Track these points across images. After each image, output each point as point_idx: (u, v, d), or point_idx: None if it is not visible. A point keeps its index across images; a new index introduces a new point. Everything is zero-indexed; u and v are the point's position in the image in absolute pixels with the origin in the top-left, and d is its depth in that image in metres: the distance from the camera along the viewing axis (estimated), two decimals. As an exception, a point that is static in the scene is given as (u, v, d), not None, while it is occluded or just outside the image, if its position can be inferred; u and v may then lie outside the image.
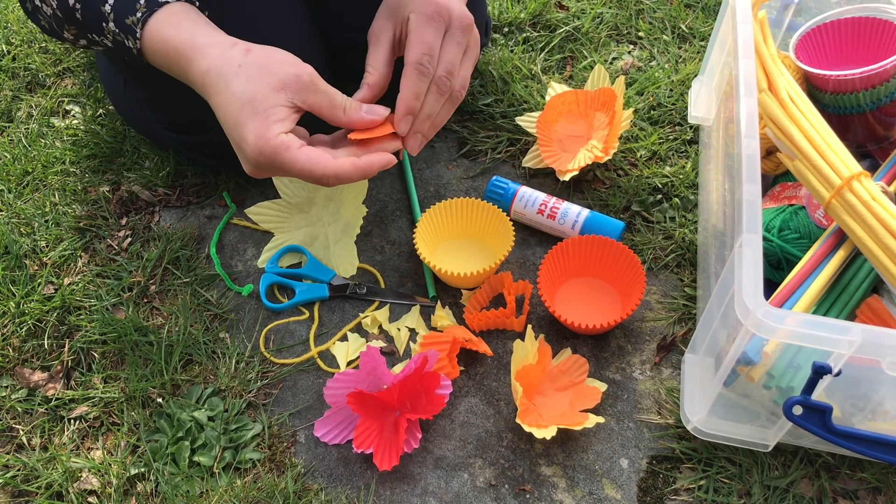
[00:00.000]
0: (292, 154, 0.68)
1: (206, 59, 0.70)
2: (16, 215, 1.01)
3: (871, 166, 0.87)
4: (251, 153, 0.68)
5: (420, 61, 0.72)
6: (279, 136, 0.68)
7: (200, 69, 0.70)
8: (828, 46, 0.88)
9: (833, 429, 0.66)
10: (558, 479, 0.79)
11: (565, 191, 1.01)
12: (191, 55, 0.71)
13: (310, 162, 0.68)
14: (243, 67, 0.69)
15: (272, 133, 0.67)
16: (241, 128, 0.68)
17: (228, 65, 0.70)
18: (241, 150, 0.69)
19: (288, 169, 0.68)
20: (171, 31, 0.72)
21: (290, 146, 0.68)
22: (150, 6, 0.72)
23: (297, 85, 0.69)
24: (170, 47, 0.72)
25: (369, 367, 0.80)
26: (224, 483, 0.78)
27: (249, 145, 0.68)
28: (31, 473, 0.80)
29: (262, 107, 0.68)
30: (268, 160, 0.68)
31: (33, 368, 0.88)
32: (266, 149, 0.67)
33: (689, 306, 0.90)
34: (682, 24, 1.21)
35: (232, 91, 0.69)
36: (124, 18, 0.72)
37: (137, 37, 0.72)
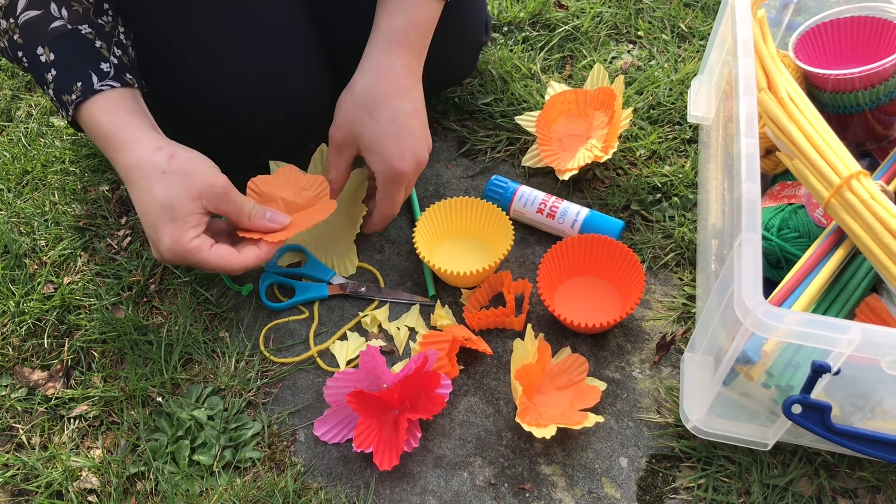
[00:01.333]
0: (204, 255, 0.77)
1: (131, 156, 0.76)
2: (15, 214, 1.01)
3: (871, 165, 0.87)
4: (166, 253, 0.76)
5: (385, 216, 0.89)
6: (192, 241, 0.76)
7: (125, 162, 0.77)
8: (827, 45, 0.88)
9: (832, 427, 0.66)
10: (558, 478, 0.79)
11: (565, 190, 1.02)
12: (117, 146, 0.77)
13: (221, 260, 0.77)
14: (166, 175, 0.76)
15: (186, 238, 0.76)
16: (158, 230, 0.76)
17: (152, 169, 0.76)
18: (157, 246, 0.77)
19: (199, 265, 0.77)
20: (104, 118, 0.77)
21: (202, 249, 0.77)
22: (85, 92, 0.77)
23: (212, 194, 0.77)
24: (99, 133, 0.77)
25: (369, 367, 0.80)
26: (224, 482, 0.78)
27: (165, 246, 0.76)
28: (30, 472, 0.80)
29: (179, 214, 0.75)
30: (182, 259, 0.77)
31: (33, 367, 0.88)
32: (181, 251, 0.76)
33: (689, 305, 0.91)
34: (682, 24, 1.21)
35: (153, 195, 0.75)
36: (61, 94, 0.77)
37: (70, 114, 0.77)
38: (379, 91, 0.83)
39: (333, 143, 0.87)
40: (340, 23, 0.95)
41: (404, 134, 0.83)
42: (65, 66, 0.77)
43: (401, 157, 0.84)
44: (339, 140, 0.86)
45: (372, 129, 0.83)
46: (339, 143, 0.86)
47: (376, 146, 0.83)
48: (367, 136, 0.84)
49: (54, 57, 0.77)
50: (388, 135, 0.83)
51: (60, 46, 0.77)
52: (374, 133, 0.83)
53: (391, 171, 0.84)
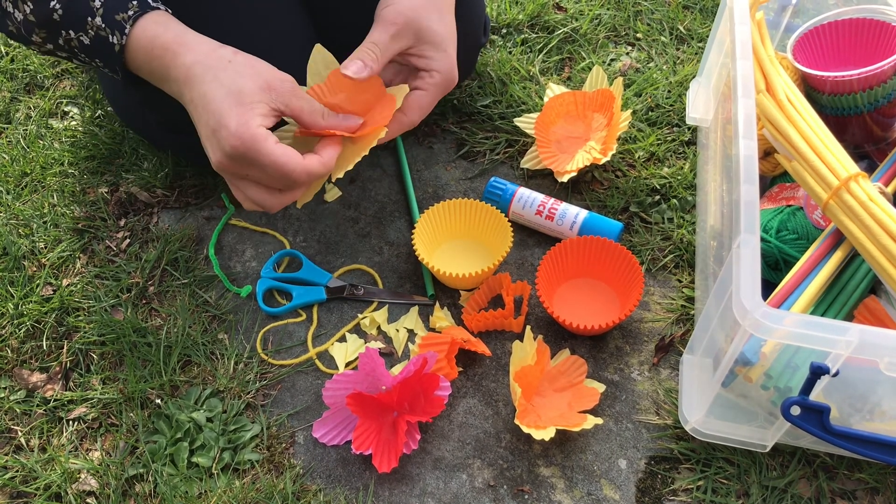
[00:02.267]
0: (269, 146, 0.71)
1: (194, 53, 0.73)
2: (14, 216, 1.01)
3: (869, 167, 0.87)
4: (229, 140, 0.70)
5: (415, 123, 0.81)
6: (260, 128, 0.71)
7: (187, 62, 0.73)
8: (825, 48, 0.88)
9: (831, 429, 0.66)
10: (557, 480, 0.79)
11: (563, 192, 1.02)
12: (178, 49, 0.74)
13: (284, 156, 0.71)
14: (233, 64, 0.73)
15: (255, 123, 0.70)
16: (223, 114, 0.70)
17: (219, 60, 0.73)
18: (218, 136, 0.71)
19: (262, 160, 0.71)
20: (160, 29, 0.75)
21: (269, 139, 0.71)
22: (143, 6, 0.75)
23: (282, 88, 0.73)
24: (157, 43, 0.74)
25: (368, 369, 0.80)
26: (223, 484, 0.78)
27: (230, 131, 0.70)
28: (29, 474, 0.80)
29: (248, 100, 0.71)
30: (244, 148, 0.70)
31: (32, 370, 0.88)
32: (246, 136, 0.70)
33: (688, 307, 0.91)
34: (681, 26, 1.21)
35: (220, 80, 0.71)
36: (114, 14, 0.74)
37: (126, 32, 0.74)
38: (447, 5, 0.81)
39: (389, 26, 0.78)
40: (338, 24, 0.95)
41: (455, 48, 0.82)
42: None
43: (456, 66, 0.81)
44: (400, 26, 0.78)
45: (441, 29, 0.79)
46: (398, 31, 0.78)
47: (443, 45, 0.79)
48: (435, 32, 0.79)
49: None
50: (452, 41, 0.81)
51: None
52: (444, 32, 0.79)
53: (451, 75, 0.81)
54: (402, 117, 0.80)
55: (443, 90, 0.81)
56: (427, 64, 0.80)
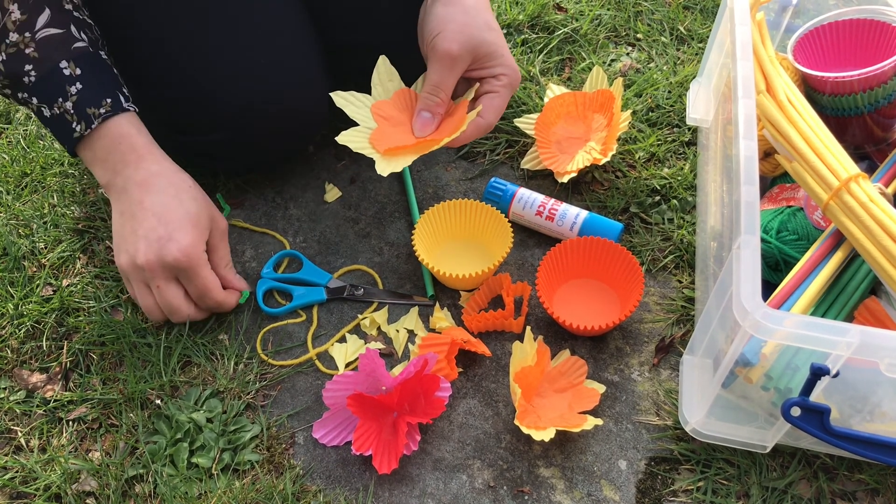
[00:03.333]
0: (207, 270, 0.83)
1: (160, 166, 0.83)
2: (14, 217, 1.01)
3: (869, 168, 0.87)
4: (178, 252, 0.79)
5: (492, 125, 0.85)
6: (204, 252, 0.82)
7: (152, 169, 0.82)
8: (826, 48, 0.88)
9: (831, 430, 0.66)
10: (557, 481, 0.79)
11: (564, 192, 1.02)
12: (147, 156, 0.83)
13: (214, 283, 0.84)
14: (192, 189, 0.84)
15: (202, 247, 0.82)
16: (180, 230, 0.80)
17: (182, 181, 0.84)
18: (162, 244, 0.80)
19: (196, 279, 0.82)
20: (132, 130, 0.83)
21: (207, 263, 0.83)
22: (115, 108, 0.82)
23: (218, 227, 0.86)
24: (125, 143, 0.82)
25: (368, 370, 0.80)
26: (222, 484, 0.78)
27: (181, 245, 0.80)
28: (29, 475, 0.80)
29: (201, 226, 0.82)
30: (188, 264, 0.80)
31: (32, 370, 0.88)
32: (193, 255, 0.80)
33: (688, 308, 0.91)
34: (681, 26, 1.21)
35: (180, 200, 0.82)
36: (86, 107, 0.80)
37: (92, 126, 0.81)
38: (485, 7, 0.83)
39: (448, 56, 0.81)
40: (339, 25, 0.95)
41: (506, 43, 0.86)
42: (93, 83, 0.81)
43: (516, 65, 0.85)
44: (456, 52, 0.80)
45: (493, 38, 0.82)
46: (455, 56, 0.81)
47: (501, 50, 0.83)
48: (490, 43, 0.82)
49: (81, 72, 0.80)
50: (504, 40, 0.84)
51: (87, 64, 0.81)
52: (498, 38, 0.83)
53: (516, 73, 0.84)
54: (479, 121, 0.84)
55: (512, 88, 0.85)
56: (491, 72, 0.83)
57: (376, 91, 0.88)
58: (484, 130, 0.84)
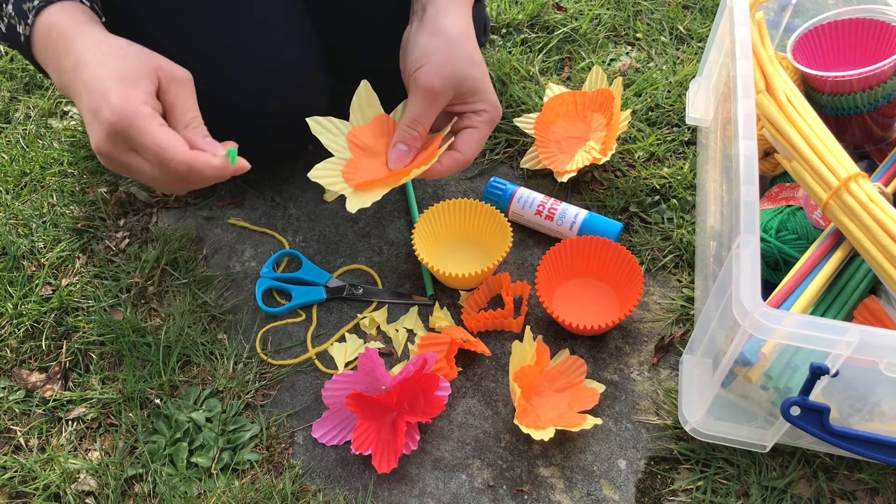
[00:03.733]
0: (151, 125, 0.65)
1: (88, 41, 0.69)
2: (13, 216, 1.01)
3: (869, 167, 0.87)
4: (110, 116, 0.65)
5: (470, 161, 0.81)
6: (144, 105, 0.65)
7: (79, 48, 0.69)
8: (825, 48, 0.88)
9: (831, 429, 0.66)
10: (556, 480, 0.79)
11: (563, 192, 1.02)
12: (74, 37, 0.70)
13: (165, 140, 0.65)
14: (123, 49, 0.69)
15: (137, 99, 0.65)
16: (107, 92, 0.65)
17: (109, 47, 0.69)
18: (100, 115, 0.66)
19: (142, 140, 0.65)
20: (64, 16, 0.71)
21: (153, 119, 0.66)
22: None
23: (171, 75, 0.69)
24: (55, 30, 0.70)
25: (368, 369, 0.80)
26: (222, 484, 0.78)
27: (111, 107, 0.65)
28: (28, 474, 0.80)
29: (132, 76, 0.66)
30: (125, 125, 0.65)
31: (31, 369, 0.88)
32: (127, 111, 0.64)
33: (687, 307, 0.91)
34: (680, 26, 1.21)
35: (107, 63, 0.67)
36: (22, 4, 0.71)
37: (29, 22, 0.71)
38: (470, 39, 0.80)
39: (429, 91, 0.78)
40: (338, 24, 0.95)
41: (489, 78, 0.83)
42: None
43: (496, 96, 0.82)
44: (439, 87, 0.77)
45: (477, 73, 0.79)
46: (438, 91, 0.77)
47: (483, 87, 0.80)
48: (474, 78, 0.79)
49: None
50: (487, 75, 0.81)
51: None
52: (479, 73, 0.79)
53: (497, 109, 0.81)
54: (457, 156, 0.80)
55: (492, 124, 0.81)
56: (472, 107, 0.81)
57: (354, 118, 0.84)
58: (462, 165, 0.81)
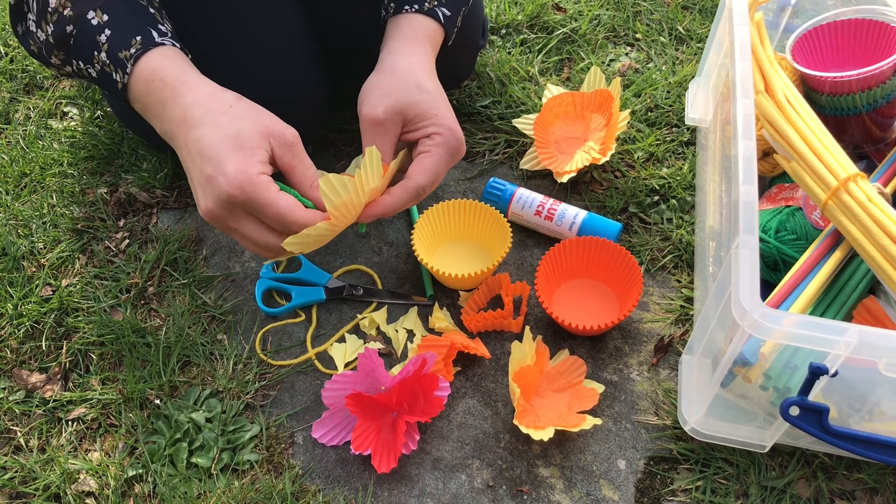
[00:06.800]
0: (273, 195, 0.67)
1: (194, 94, 0.70)
2: (13, 217, 1.01)
3: (868, 167, 0.87)
4: (228, 187, 0.66)
5: (423, 188, 0.76)
6: (260, 175, 0.67)
7: (186, 101, 0.70)
8: (824, 48, 0.88)
9: (830, 429, 0.66)
10: (556, 480, 0.79)
11: (563, 192, 1.02)
12: (178, 87, 0.70)
13: (288, 207, 0.67)
14: (234, 108, 0.69)
15: (254, 170, 0.66)
16: (222, 159, 0.66)
17: (219, 103, 0.69)
18: (215, 183, 0.67)
19: (263, 208, 0.67)
20: (164, 63, 0.72)
21: (272, 187, 0.67)
22: (146, 44, 0.72)
23: (281, 139, 0.69)
24: (158, 77, 0.71)
25: (367, 369, 0.80)
26: (222, 484, 0.78)
27: (228, 177, 0.66)
28: (28, 475, 0.80)
29: (247, 144, 0.67)
30: (245, 196, 0.66)
31: (31, 370, 0.88)
32: (246, 184, 0.66)
33: (687, 307, 0.91)
34: (680, 26, 1.21)
35: (220, 124, 0.68)
36: (118, 52, 0.72)
37: (127, 71, 0.72)
38: (421, 70, 0.79)
39: (373, 121, 0.76)
40: (336, 27, 0.95)
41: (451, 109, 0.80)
42: (121, 25, 0.73)
43: (458, 126, 0.78)
44: (382, 116, 0.75)
45: (425, 98, 0.77)
46: (382, 120, 0.75)
47: (433, 110, 0.77)
48: (419, 104, 0.76)
49: (108, 18, 0.73)
50: (444, 102, 0.78)
51: (113, 8, 0.74)
52: (430, 100, 0.77)
53: (452, 132, 0.77)
54: (407, 183, 0.76)
55: (447, 147, 0.77)
56: (423, 132, 0.77)
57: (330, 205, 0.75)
58: (414, 192, 0.76)
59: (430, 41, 0.82)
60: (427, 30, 0.82)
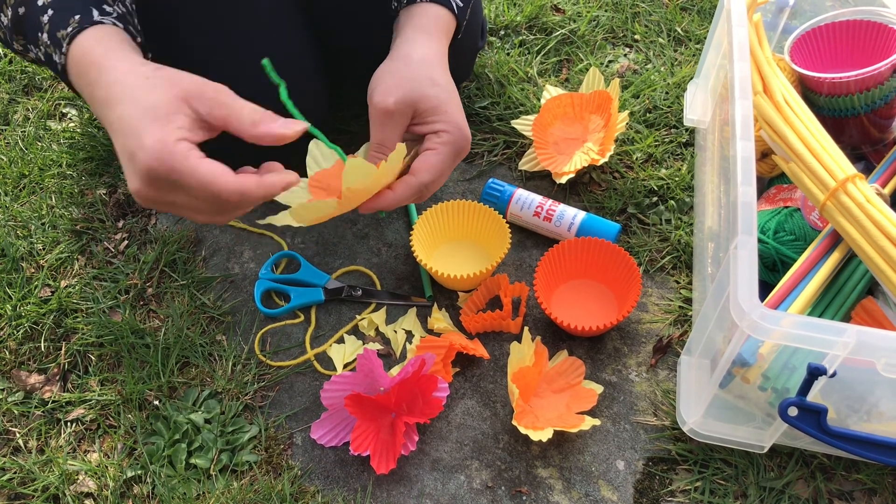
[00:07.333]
0: (192, 162, 0.62)
1: (115, 72, 0.66)
2: (12, 218, 1.01)
3: (866, 168, 0.87)
4: (147, 159, 0.61)
5: (426, 185, 0.75)
6: (179, 143, 0.62)
7: (109, 80, 0.66)
8: (822, 49, 0.88)
9: (828, 430, 0.66)
10: (555, 481, 0.79)
11: (561, 193, 1.02)
12: (103, 64, 0.67)
13: (211, 174, 0.62)
14: (150, 80, 0.65)
15: (171, 137, 0.62)
16: (139, 134, 0.62)
17: (136, 77, 0.66)
18: (136, 159, 0.63)
19: (186, 179, 0.62)
20: (93, 43, 0.68)
21: (191, 154, 0.62)
22: (83, 23, 0.69)
23: (202, 96, 0.65)
24: (86, 59, 0.68)
25: (366, 370, 0.80)
26: (221, 485, 0.78)
27: (146, 151, 0.61)
28: (27, 476, 0.80)
29: (163, 112, 0.63)
30: (165, 168, 0.61)
31: (30, 371, 0.88)
32: (164, 154, 0.61)
33: (685, 308, 0.91)
34: (678, 27, 1.21)
35: (136, 98, 0.64)
36: (56, 32, 0.69)
37: (63, 51, 0.69)
38: (436, 64, 0.78)
39: (383, 111, 0.75)
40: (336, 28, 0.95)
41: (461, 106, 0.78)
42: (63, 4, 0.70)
43: (466, 124, 0.77)
44: (392, 106, 0.74)
45: (438, 93, 0.75)
46: (392, 110, 0.74)
47: (444, 106, 0.75)
48: (431, 98, 0.75)
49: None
50: (455, 99, 0.77)
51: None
52: (442, 94, 0.76)
53: (460, 132, 0.76)
54: (410, 180, 0.74)
55: (453, 147, 0.76)
56: (431, 128, 0.76)
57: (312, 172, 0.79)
58: (417, 190, 0.75)
59: (444, 32, 0.82)
60: (441, 20, 0.82)
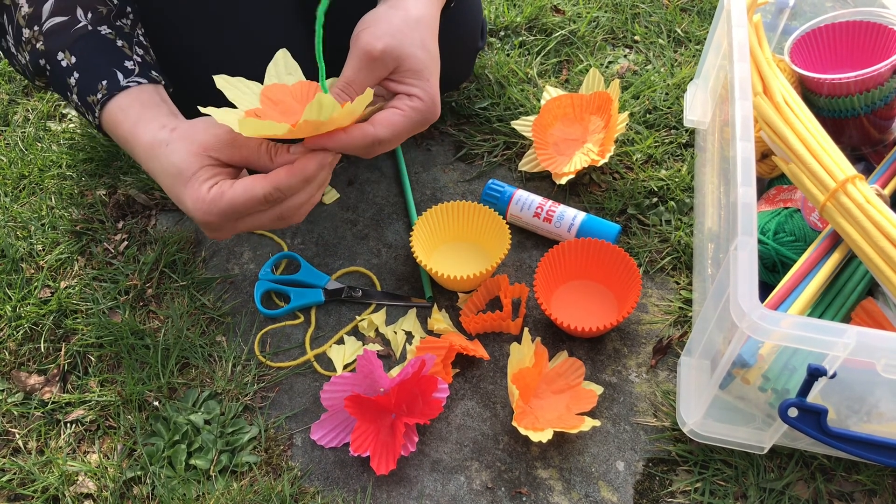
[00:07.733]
0: (228, 196, 0.68)
1: (141, 147, 0.73)
2: (12, 219, 1.01)
3: (866, 169, 0.87)
4: (197, 217, 0.69)
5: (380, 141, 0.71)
6: (210, 191, 0.68)
7: (140, 153, 0.73)
8: (823, 50, 0.88)
9: (828, 431, 0.66)
10: (555, 482, 0.79)
11: (561, 194, 1.02)
12: (128, 140, 0.74)
13: (248, 191, 0.67)
14: (169, 145, 0.71)
15: (203, 192, 0.68)
16: (180, 198, 0.70)
17: (158, 147, 0.72)
18: (191, 217, 0.71)
19: (235, 210, 0.68)
20: (121, 117, 0.74)
21: (223, 192, 0.68)
22: (111, 90, 0.74)
23: (217, 144, 0.70)
24: (118, 133, 0.75)
25: (366, 371, 0.80)
26: (220, 486, 0.78)
27: (192, 212, 0.69)
28: (27, 477, 0.80)
29: (188, 173, 0.69)
30: (214, 216, 0.69)
31: (30, 372, 0.88)
32: (204, 208, 0.68)
33: (685, 309, 0.91)
34: (678, 28, 1.21)
35: (163, 168, 0.71)
36: (86, 96, 0.75)
37: (96, 115, 0.75)
38: (430, 28, 0.75)
39: (367, 53, 0.71)
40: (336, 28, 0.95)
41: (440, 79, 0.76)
42: (87, 68, 0.75)
43: (439, 99, 0.75)
44: (378, 51, 0.70)
45: (425, 56, 0.73)
46: (376, 56, 0.71)
47: (426, 73, 0.73)
48: (420, 60, 0.72)
49: (75, 60, 0.75)
50: (437, 70, 0.75)
51: (81, 48, 0.76)
52: (428, 60, 0.73)
53: (431, 104, 0.73)
54: (367, 128, 0.70)
55: (421, 116, 0.73)
56: (407, 90, 0.73)
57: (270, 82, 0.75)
58: (370, 141, 0.70)
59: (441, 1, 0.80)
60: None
